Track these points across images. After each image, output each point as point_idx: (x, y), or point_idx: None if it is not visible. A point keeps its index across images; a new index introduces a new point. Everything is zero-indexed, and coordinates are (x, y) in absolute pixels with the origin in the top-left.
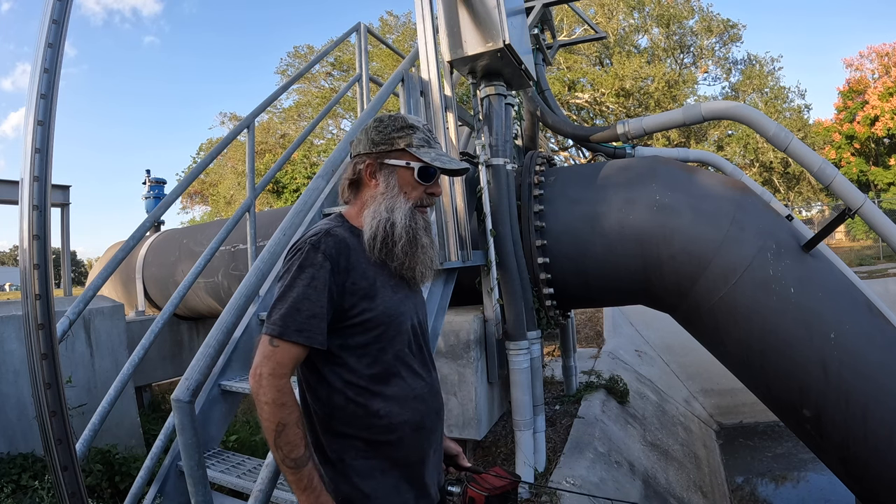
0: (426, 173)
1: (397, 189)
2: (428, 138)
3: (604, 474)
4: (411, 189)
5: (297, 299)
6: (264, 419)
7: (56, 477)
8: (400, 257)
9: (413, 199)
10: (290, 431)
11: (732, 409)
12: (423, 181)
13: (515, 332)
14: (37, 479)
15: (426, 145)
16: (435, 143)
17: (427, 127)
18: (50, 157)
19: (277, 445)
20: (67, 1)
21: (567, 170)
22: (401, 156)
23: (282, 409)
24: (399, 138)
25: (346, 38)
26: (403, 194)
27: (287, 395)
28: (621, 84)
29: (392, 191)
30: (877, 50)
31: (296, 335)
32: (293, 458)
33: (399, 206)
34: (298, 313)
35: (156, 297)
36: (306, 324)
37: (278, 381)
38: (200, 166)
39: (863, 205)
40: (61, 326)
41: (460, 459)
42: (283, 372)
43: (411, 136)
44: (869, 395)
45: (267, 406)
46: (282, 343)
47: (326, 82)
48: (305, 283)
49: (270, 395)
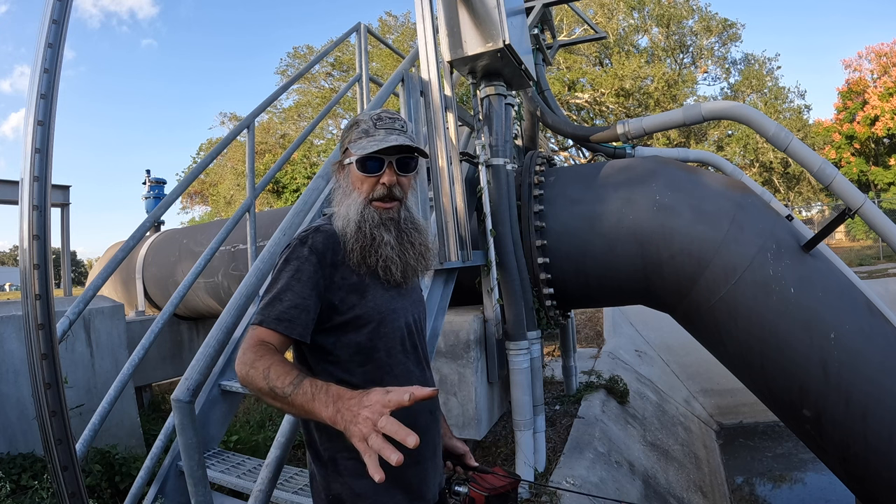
0: (364, 165)
1: (350, 187)
2: (368, 128)
3: (604, 474)
4: (360, 183)
5: (280, 290)
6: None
7: (56, 477)
8: (360, 254)
9: (364, 192)
10: (277, 367)
11: (732, 409)
12: (367, 173)
13: (515, 332)
14: (37, 479)
15: (364, 136)
16: (376, 131)
17: (377, 115)
18: (50, 157)
19: (272, 387)
20: (67, 1)
21: (567, 170)
22: (347, 154)
23: (262, 359)
24: (346, 138)
25: (345, 38)
26: (356, 191)
27: (265, 351)
28: (621, 84)
29: (346, 189)
30: (875, 50)
31: (274, 323)
32: (289, 382)
33: (352, 203)
34: (280, 303)
35: (156, 297)
36: (286, 313)
37: (255, 347)
38: (200, 166)
39: (863, 205)
40: (61, 326)
41: (467, 459)
42: (262, 344)
43: (353, 131)
44: (869, 395)
45: (252, 370)
46: (259, 329)
47: (326, 82)
48: (290, 276)
49: (249, 357)
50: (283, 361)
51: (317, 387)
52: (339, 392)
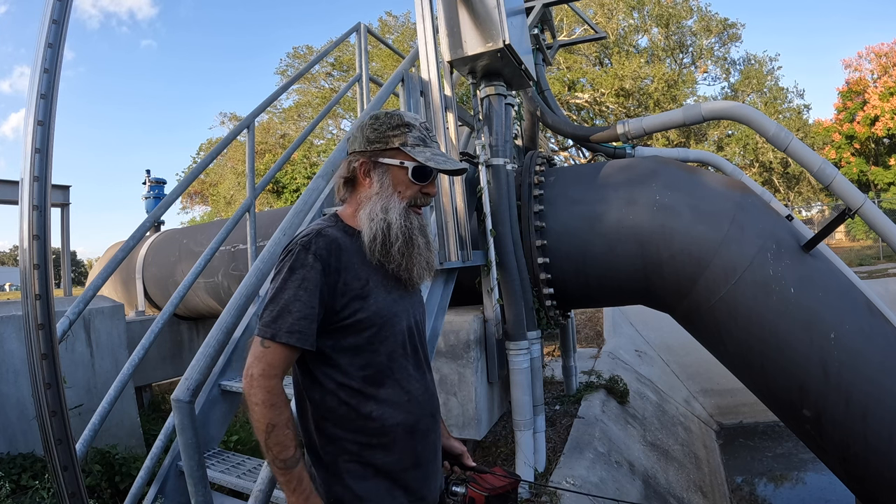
0: (421, 173)
1: (391, 189)
2: (424, 136)
3: (604, 474)
4: (405, 188)
5: (288, 301)
6: (255, 420)
7: (56, 477)
8: (397, 259)
9: (407, 198)
10: (280, 432)
11: (732, 409)
12: (418, 181)
13: (515, 332)
14: (37, 479)
15: (422, 144)
16: (431, 142)
17: (424, 125)
18: (50, 157)
19: (268, 446)
20: (67, 1)
21: (567, 170)
22: (395, 155)
23: (272, 409)
24: (394, 136)
25: (345, 38)
26: (397, 194)
27: (277, 396)
28: (621, 84)
29: (386, 190)
30: (875, 50)
31: (287, 337)
32: (283, 459)
33: (393, 207)
34: (289, 314)
35: (156, 297)
36: (297, 325)
37: (268, 382)
38: (200, 166)
39: (863, 205)
40: (61, 326)
41: (465, 459)
42: (274, 373)
43: (406, 134)
44: (869, 395)
45: (257, 407)
46: (273, 345)
47: (326, 82)
48: (296, 285)
49: (261, 395)
50: (287, 425)
51: (301, 486)
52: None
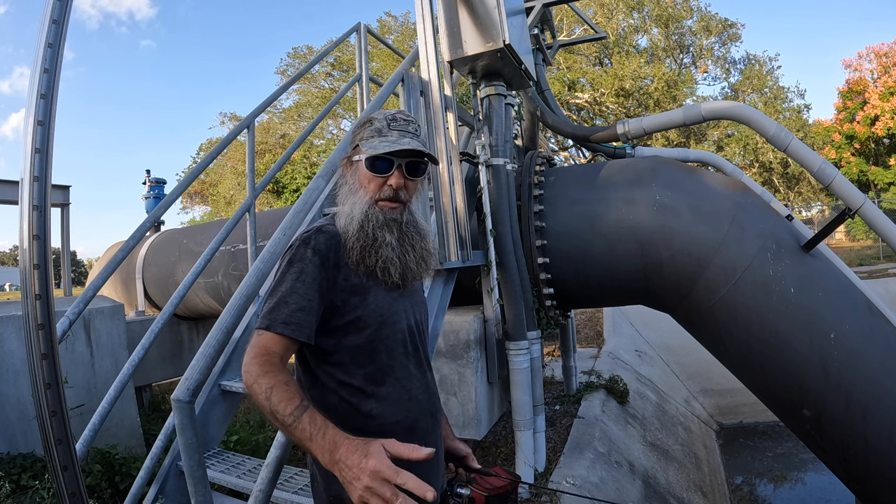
0: (373, 164)
1: (357, 185)
2: (382, 127)
3: (604, 474)
4: (368, 182)
5: (284, 293)
6: (256, 394)
7: (56, 477)
8: (359, 253)
9: (371, 192)
10: (280, 389)
11: (732, 409)
12: (377, 173)
13: (515, 332)
14: (37, 479)
15: (377, 135)
16: (391, 131)
17: (392, 116)
18: (50, 157)
19: (273, 411)
20: (67, 1)
21: (567, 170)
22: (357, 151)
23: (266, 376)
24: (357, 134)
25: (345, 38)
26: (362, 189)
27: (272, 366)
28: (621, 84)
29: (353, 187)
30: (875, 50)
31: (282, 328)
32: (290, 413)
33: (358, 202)
34: (286, 306)
35: (156, 297)
36: (293, 317)
37: (261, 359)
38: (200, 166)
39: (863, 205)
40: (61, 326)
41: (469, 461)
42: (268, 356)
43: (366, 129)
44: (869, 395)
45: (255, 383)
46: (267, 334)
47: (326, 82)
48: (294, 278)
49: (255, 370)
50: (287, 383)
51: (315, 426)
52: (336, 439)
